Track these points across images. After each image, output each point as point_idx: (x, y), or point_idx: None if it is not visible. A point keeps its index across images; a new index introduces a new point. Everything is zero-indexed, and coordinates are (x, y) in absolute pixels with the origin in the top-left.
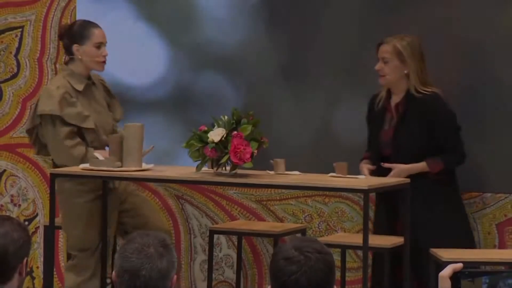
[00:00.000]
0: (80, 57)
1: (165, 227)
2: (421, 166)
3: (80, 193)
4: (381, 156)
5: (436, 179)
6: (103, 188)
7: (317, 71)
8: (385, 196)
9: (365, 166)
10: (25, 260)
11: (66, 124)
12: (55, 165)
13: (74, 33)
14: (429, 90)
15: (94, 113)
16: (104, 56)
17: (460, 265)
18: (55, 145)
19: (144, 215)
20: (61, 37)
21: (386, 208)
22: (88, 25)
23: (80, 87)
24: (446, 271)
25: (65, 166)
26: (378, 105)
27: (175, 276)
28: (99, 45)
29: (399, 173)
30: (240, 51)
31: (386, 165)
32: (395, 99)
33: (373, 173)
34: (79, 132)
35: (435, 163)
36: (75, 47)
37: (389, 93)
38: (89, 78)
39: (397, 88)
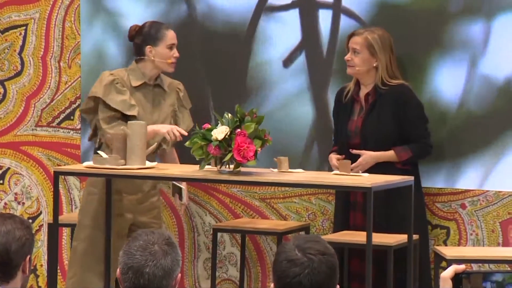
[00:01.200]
0: (152, 58)
1: None
2: (389, 154)
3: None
4: (349, 145)
5: (402, 169)
6: (107, 187)
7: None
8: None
9: (334, 157)
10: (28, 258)
11: (108, 107)
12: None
13: (147, 35)
14: (398, 82)
15: (145, 113)
16: (175, 57)
17: (462, 266)
18: (99, 125)
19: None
20: (131, 38)
21: (342, 202)
22: (160, 26)
23: (136, 83)
24: (448, 272)
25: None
26: (346, 97)
27: (179, 275)
28: (172, 46)
29: (367, 160)
30: None
31: (355, 151)
32: (364, 90)
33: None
34: (125, 121)
35: (403, 152)
36: (148, 48)
37: (357, 85)
38: (156, 79)
39: (366, 80)
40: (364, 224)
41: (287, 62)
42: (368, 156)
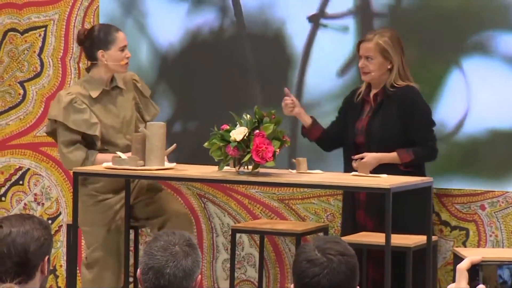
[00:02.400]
0: (106, 62)
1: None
2: (391, 156)
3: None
4: (354, 144)
5: (405, 170)
6: (126, 187)
7: None
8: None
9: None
10: (46, 259)
11: (68, 130)
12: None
13: (97, 39)
14: (405, 83)
15: (112, 117)
16: (128, 58)
17: (479, 258)
18: (59, 148)
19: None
20: (81, 42)
21: (349, 201)
22: (110, 29)
23: (95, 93)
24: (464, 264)
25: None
26: (358, 98)
27: (199, 276)
28: (123, 48)
29: (370, 161)
30: None
31: (356, 157)
32: (374, 91)
33: (346, 165)
34: (88, 138)
35: (406, 154)
36: (100, 53)
37: (368, 87)
38: (112, 81)
39: (378, 82)
40: (366, 223)
41: (342, 72)
42: (370, 157)
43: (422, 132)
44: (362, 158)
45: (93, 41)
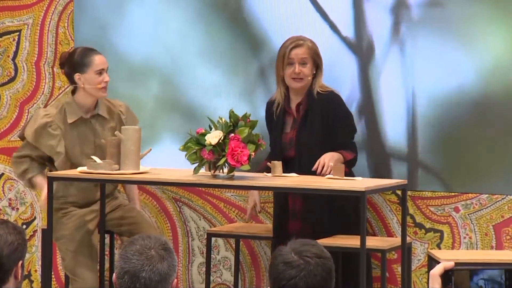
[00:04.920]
0: (82, 85)
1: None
2: (339, 154)
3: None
4: (284, 158)
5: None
6: (101, 192)
7: None
8: (279, 195)
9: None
10: (20, 263)
11: (32, 149)
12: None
13: (75, 62)
14: (327, 89)
15: (86, 144)
16: (106, 82)
17: (451, 263)
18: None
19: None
20: (62, 66)
21: (279, 209)
22: (88, 52)
23: (71, 119)
24: (437, 269)
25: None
26: (277, 111)
27: (175, 280)
28: (101, 72)
29: (329, 157)
30: None
31: (319, 169)
32: (295, 101)
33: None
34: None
35: (347, 153)
36: (76, 76)
37: (286, 97)
38: (94, 108)
39: (302, 90)
40: (303, 232)
41: None
42: (329, 154)
43: (345, 137)
44: (322, 168)
45: (71, 64)
